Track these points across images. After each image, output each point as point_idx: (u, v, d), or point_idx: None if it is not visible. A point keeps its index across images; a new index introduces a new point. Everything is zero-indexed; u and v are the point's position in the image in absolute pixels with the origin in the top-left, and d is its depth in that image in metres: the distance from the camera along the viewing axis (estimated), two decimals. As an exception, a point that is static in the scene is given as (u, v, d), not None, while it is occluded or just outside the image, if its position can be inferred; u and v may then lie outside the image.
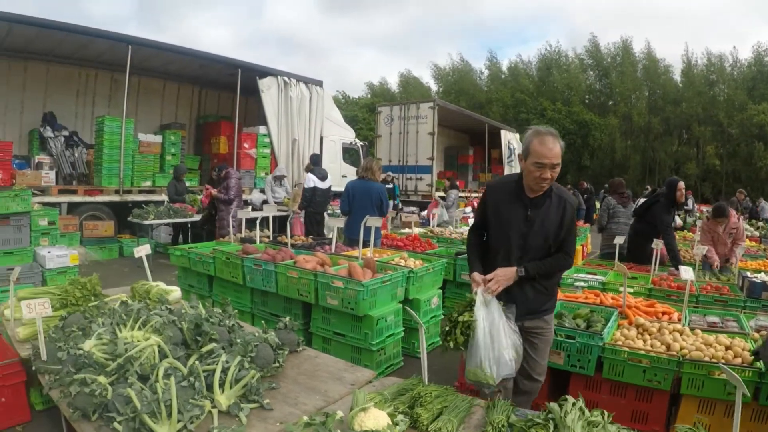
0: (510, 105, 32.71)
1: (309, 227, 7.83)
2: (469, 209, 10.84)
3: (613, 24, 56.05)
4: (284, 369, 2.40)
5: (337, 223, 5.39)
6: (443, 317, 4.61)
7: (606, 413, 1.75)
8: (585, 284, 4.31)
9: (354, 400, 1.80)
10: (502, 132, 18.43)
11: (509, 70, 35.89)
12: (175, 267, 5.71)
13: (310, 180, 7.77)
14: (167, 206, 8.65)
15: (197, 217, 8.97)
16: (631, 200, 6.39)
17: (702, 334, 3.01)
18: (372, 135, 18.32)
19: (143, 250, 3.89)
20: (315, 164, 8.26)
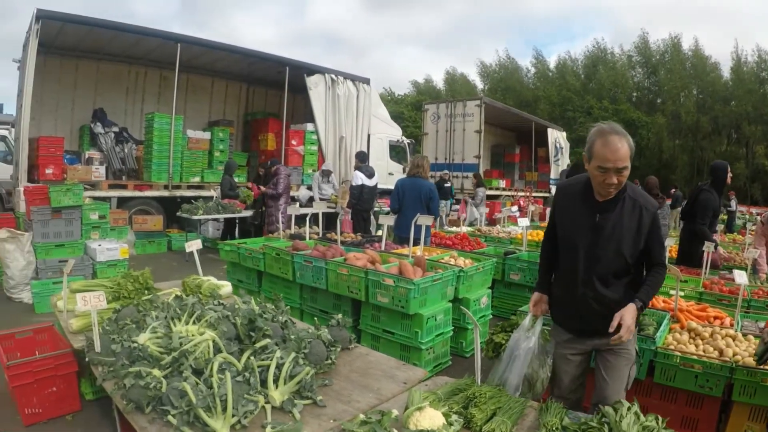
0: (557, 103, 31.94)
1: (356, 225, 7.72)
2: (515, 208, 10.50)
3: (662, 21, 53.68)
4: (336, 366, 2.38)
5: (387, 221, 5.25)
6: (491, 318, 4.73)
7: (660, 418, 1.71)
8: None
9: (409, 399, 1.85)
10: (549, 130, 18.11)
11: (556, 68, 35.06)
12: (223, 262, 5.72)
13: (358, 177, 7.64)
14: (216, 202, 8.70)
15: (246, 213, 9.00)
16: (680, 201, 5.96)
17: (755, 340, 2.90)
18: (418, 132, 18.20)
19: (194, 245, 3.91)
20: (362, 161, 8.14)
